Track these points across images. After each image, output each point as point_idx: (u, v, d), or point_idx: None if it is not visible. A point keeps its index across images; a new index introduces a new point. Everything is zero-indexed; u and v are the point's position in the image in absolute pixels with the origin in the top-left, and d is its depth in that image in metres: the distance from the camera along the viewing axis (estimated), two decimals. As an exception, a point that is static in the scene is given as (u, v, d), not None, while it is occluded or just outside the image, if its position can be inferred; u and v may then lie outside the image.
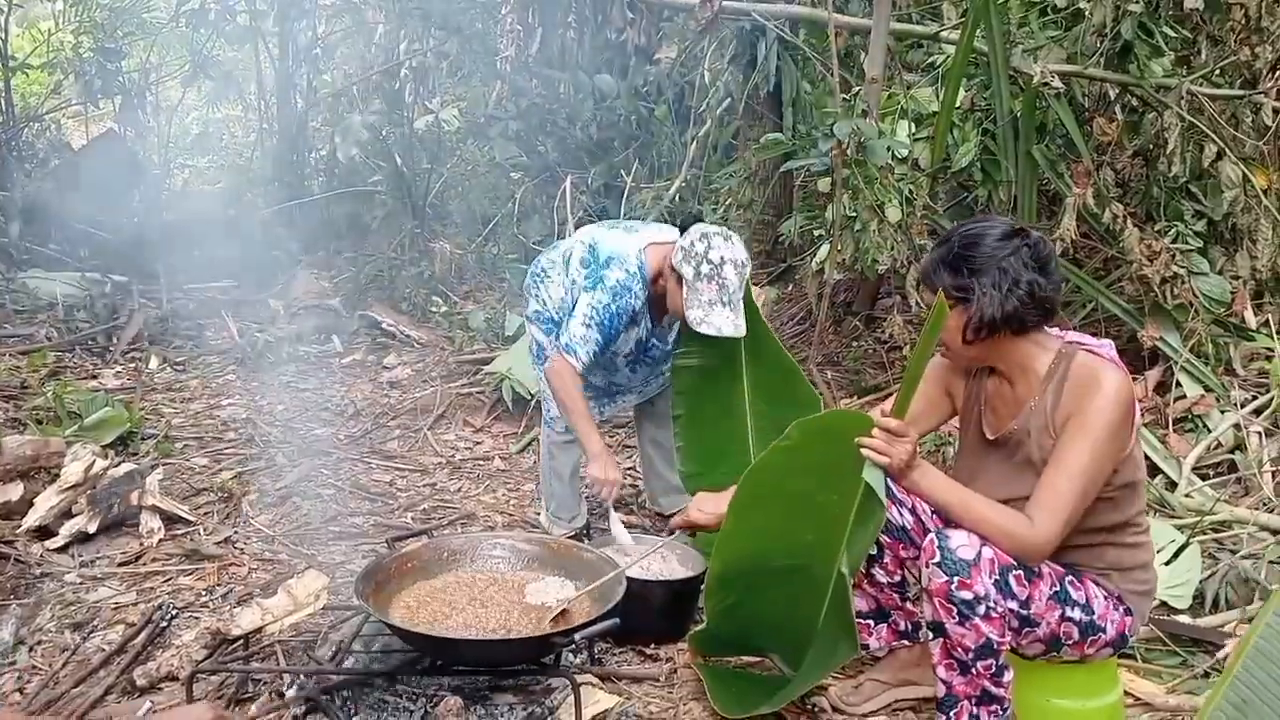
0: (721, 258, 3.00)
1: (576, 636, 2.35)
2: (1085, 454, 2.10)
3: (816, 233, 4.63)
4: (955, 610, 2.13)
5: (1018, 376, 2.27)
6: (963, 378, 2.44)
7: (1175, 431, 3.91)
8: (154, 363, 5.69)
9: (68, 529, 3.40)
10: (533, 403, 4.59)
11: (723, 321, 3.00)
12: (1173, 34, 4.20)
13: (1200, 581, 3.04)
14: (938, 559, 2.14)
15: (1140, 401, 4.11)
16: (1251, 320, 4.18)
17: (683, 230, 3.17)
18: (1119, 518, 2.22)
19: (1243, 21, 4.09)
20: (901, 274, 4.42)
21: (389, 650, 2.61)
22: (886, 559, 2.52)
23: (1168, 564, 3.09)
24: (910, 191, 4.23)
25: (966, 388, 2.43)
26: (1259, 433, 3.72)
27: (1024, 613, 2.16)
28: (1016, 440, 2.25)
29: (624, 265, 3.15)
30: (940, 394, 2.48)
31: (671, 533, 2.87)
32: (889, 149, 4.05)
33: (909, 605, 2.62)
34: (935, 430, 2.66)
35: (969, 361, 2.36)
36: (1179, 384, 4.06)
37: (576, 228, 6.14)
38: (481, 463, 4.42)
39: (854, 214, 4.15)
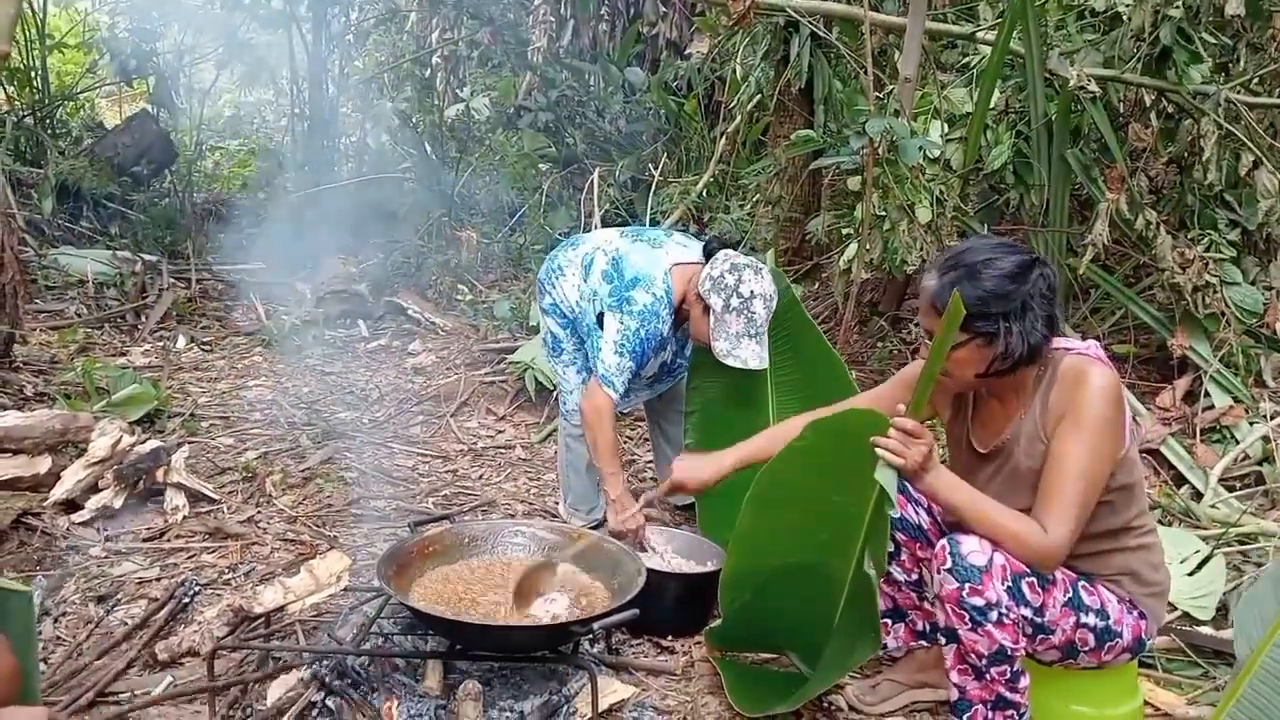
0: (751, 292, 2.99)
1: (595, 626, 2.35)
2: (1083, 452, 2.08)
3: (844, 231, 4.61)
4: (967, 616, 2.11)
5: (1009, 393, 2.25)
6: (948, 389, 2.37)
7: (1203, 442, 3.87)
8: (182, 342, 5.74)
9: (94, 503, 3.44)
10: (555, 393, 4.60)
11: (749, 354, 3.00)
12: (1212, 40, 4.15)
13: (1224, 593, 3.01)
14: (949, 565, 2.12)
15: (1168, 410, 4.10)
16: (1283, 331, 4.14)
17: (707, 254, 3.15)
18: (1118, 522, 2.20)
19: (1284, 29, 4.06)
20: (930, 275, 4.39)
21: (409, 633, 2.63)
22: (904, 557, 2.51)
23: (1191, 574, 3.07)
24: (941, 192, 4.20)
25: (954, 402, 2.41)
26: (1288, 446, 3.69)
27: (1038, 619, 2.14)
28: (1008, 451, 2.24)
29: (650, 289, 3.12)
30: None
31: (650, 504, 2.86)
32: (921, 149, 4.02)
33: (927, 605, 2.60)
34: None
35: (971, 388, 2.33)
36: (1208, 394, 4.03)
37: (603, 220, 6.16)
38: (503, 451, 4.44)
39: (883, 213, 4.13)
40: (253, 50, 9.15)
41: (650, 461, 4.19)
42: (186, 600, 2.92)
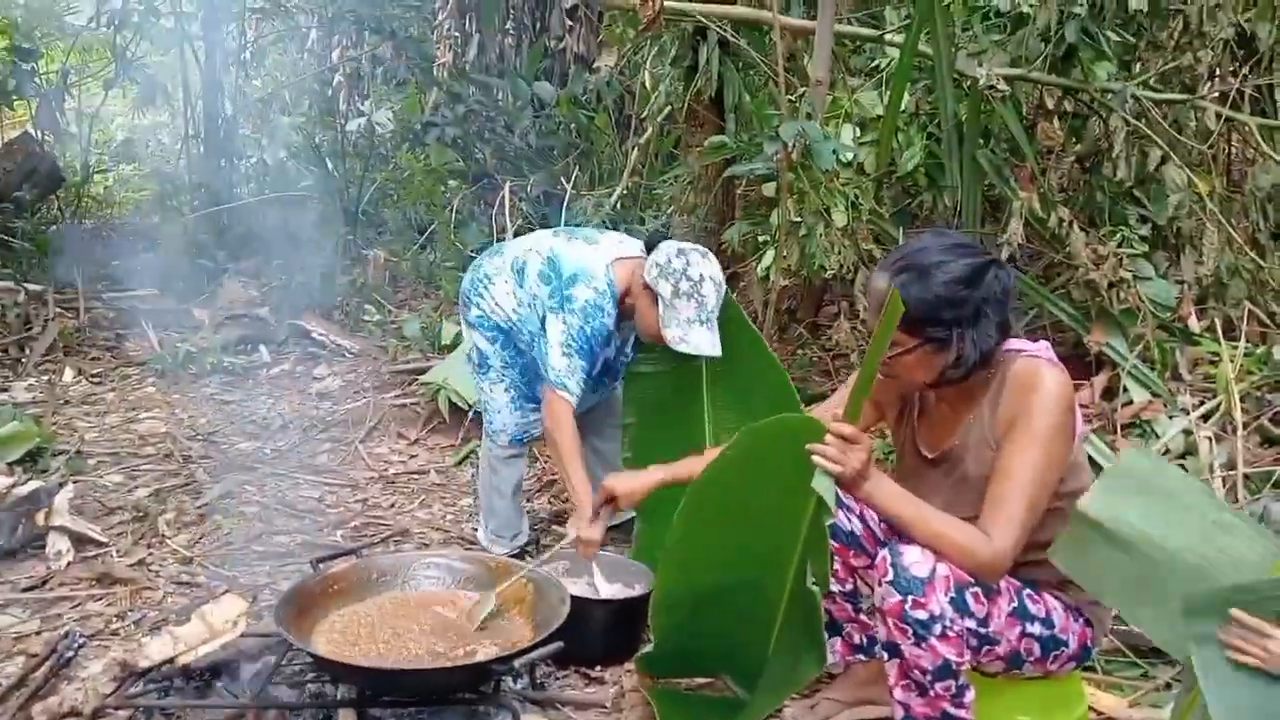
0: (701, 275, 2.89)
1: (517, 663, 2.20)
2: (1033, 460, 2.00)
3: (761, 238, 4.54)
4: (910, 631, 2.02)
5: (958, 396, 2.17)
6: (895, 391, 2.31)
7: (1124, 437, 3.87)
8: (69, 375, 5.41)
9: (-35, 554, 3.17)
10: (470, 414, 4.42)
11: (701, 340, 2.89)
12: (1116, 38, 4.18)
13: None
14: (890, 577, 2.02)
15: (1086, 407, 4.09)
16: (1195, 324, 4.17)
17: (649, 247, 3.04)
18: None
19: (1183, 27, 4.11)
20: (848, 280, 4.34)
21: (316, 680, 2.44)
22: (837, 566, 2.39)
23: (1123, 572, 3.03)
24: (856, 196, 4.15)
25: (900, 404, 2.33)
26: (1208, 438, 3.69)
27: (983, 631, 2.06)
28: (956, 457, 2.16)
29: (592, 284, 3.00)
30: (867, 403, 2.36)
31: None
32: (835, 152, 3.97)
33: (863, 617, 2.50)
34: None
35: (918, 390, 2.25)
36: (1126, 389, 4.03)
37: (515, 235, 6.00)
38: (416, 477, 4.25)
39: (799, 219, 4.07)
40: (144, 70, 8.79)
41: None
42: (69, 655, 2.67)
